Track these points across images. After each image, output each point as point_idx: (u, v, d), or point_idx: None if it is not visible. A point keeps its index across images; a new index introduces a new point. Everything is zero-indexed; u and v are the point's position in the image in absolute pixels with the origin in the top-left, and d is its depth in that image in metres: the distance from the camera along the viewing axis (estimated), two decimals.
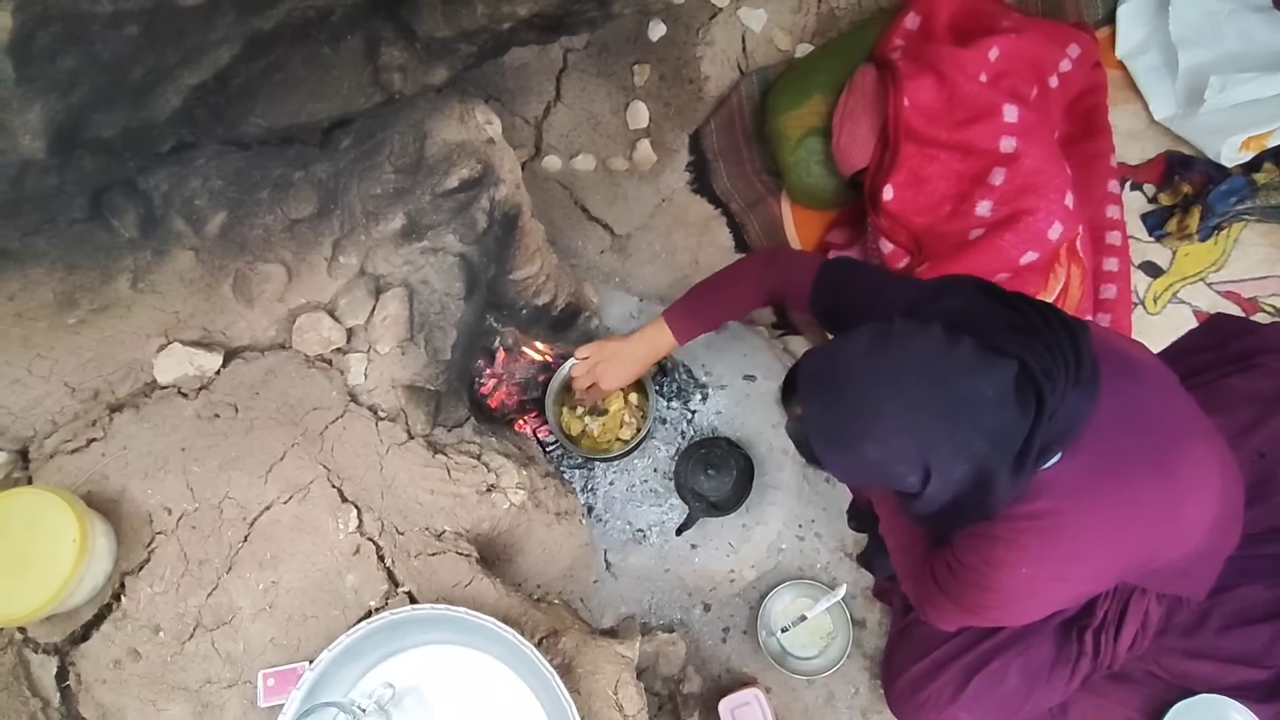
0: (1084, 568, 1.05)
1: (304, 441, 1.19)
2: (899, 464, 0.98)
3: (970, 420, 0.97)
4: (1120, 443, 1.06)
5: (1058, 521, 1.03)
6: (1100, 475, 1.04)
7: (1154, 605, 1.36)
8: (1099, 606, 1.37)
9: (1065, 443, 1.03)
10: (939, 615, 1.26)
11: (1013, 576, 1.04)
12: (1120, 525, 1.05)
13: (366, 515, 1.15)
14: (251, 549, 1.14)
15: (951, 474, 1.00)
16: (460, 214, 1.33)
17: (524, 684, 1.00)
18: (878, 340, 1.00)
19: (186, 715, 1.06)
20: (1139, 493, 1.05)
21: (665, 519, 1.80)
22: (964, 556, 1.11)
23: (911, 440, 0.96)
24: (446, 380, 1.30)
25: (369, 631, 1.02)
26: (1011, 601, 1.09)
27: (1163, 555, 1.16)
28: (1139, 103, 2.01)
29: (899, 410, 0.97)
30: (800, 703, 1.73)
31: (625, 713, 1.00)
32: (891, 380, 0.98)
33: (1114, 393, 1.08)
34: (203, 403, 1.21)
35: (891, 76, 1.74)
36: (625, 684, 1.01)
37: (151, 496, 1.17)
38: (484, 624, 0.98)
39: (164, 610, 1.11)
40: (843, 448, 1.00)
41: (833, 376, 1.01)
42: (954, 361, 0.99)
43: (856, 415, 0.98)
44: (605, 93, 2.08)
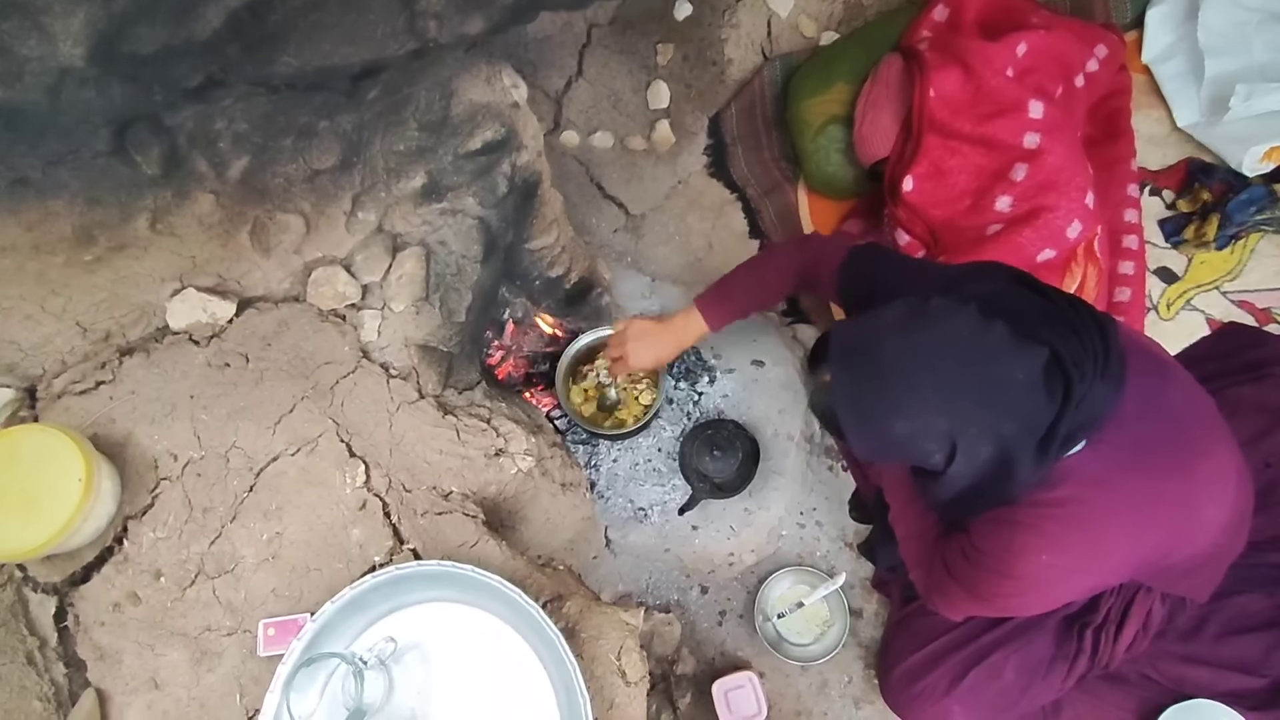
0: (1104, 559, 1.05)
1: (314, 395, 1.18)
2: (926, 441, 0.97)
3: (1000, 402, 0.97)
4: (1145, 436, 1.06)
5: (1082, 510, 1.02)
6: (1125, 467, 1.03)
7: (1157, 605, 1.36)
8: (1102, 604, 1.37)
9: (1090, 432, 1.02)
10: (948, 604, 1.25)
11: (1032, 564, 1.03)
12: (1142, 518, 1.04)
13: (374, 471, 1.15)
14: (257, 499, 1.13)
15: (976, 455, 0.99)
16: (481, 177, 1.32)
17: (528, 645, 1.00)
18: (913, 315, 0.99)
19: (184, 661, 1.06)
20: (1162, 487, 1.05)
21: (667, 499, 1.79)
22: (981, 543, 1.10)
23: (941, 419, 0.96)
24: (460, 343, 1.29)
25: (373, 585, 1.01)
26: (1028, 590, 1.08)
27: (1176, 553, 1.15)
28: (1163, 109, 2.00)
29: (931, 387, 0.96)
30: (794, 689, 1.73)
31: (628, 679, 1.00)
32: (926, 356, 0.97)
33: (1140, 388, 1.07)
34: (214, 351, 1.20)
35: (918, 66, 1.73)
36: (629, 650, 1.01)
37: (158, 442, 1.16)
38: (490, 582, 0.98)
39: (166, 556, 1.11)
40: (871, 421, 0.99)
41: (866, 348, 1.00)
42: (988, 343, 0.98)
43: (888, 390, 0.97)
44: (627, 70, 2.07)
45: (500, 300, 1.91)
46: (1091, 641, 1.40)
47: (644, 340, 1.52)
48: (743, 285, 1.49)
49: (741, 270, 1.51)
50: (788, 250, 1.47)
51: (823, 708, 1.71)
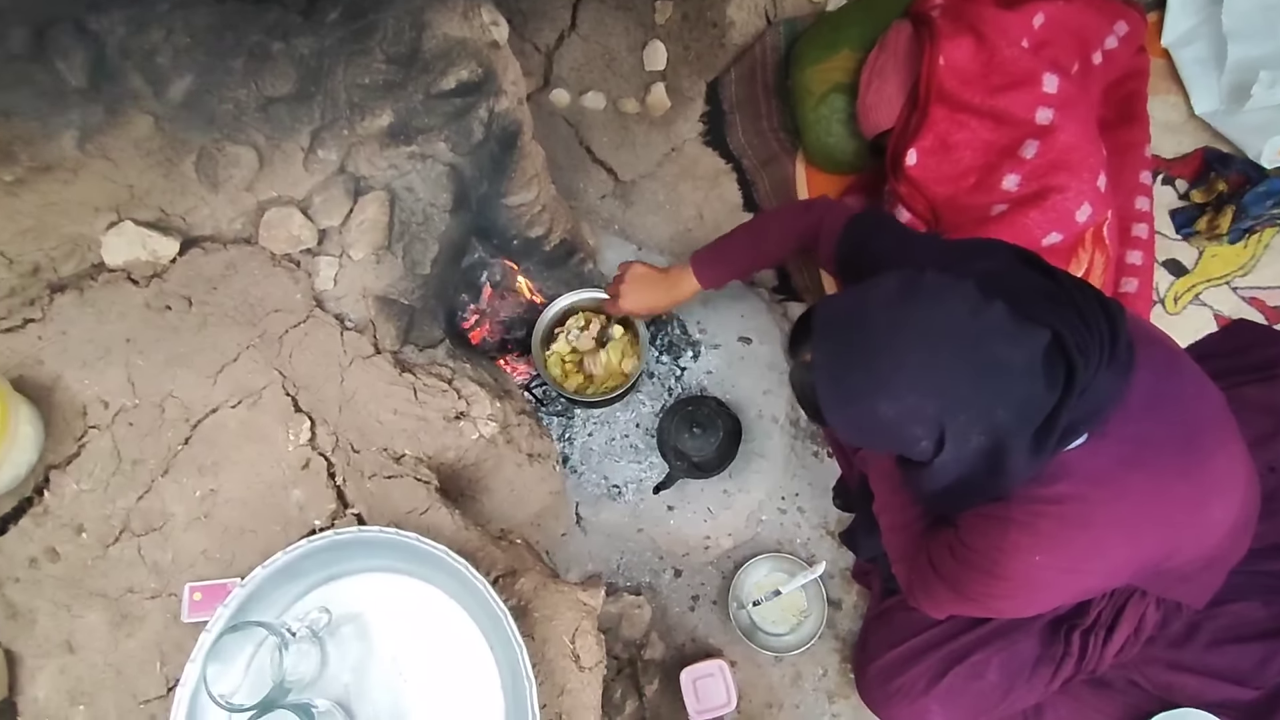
0: (1101, 561, 0.97)
1: (260, 344, 1.10)
2: (913, 425, 0.90)
3: (996, 386, 0.89)
4: (1152, 431, 0.98)
5: (1081, 509, 0.94)
6: (1129, 464, 0.96)
7: (1151, 610, 1.29)
8: (1094, 606, 1.29)
9: (1092, 425, 0.95)
10: (931, 601, 1.18)
11: (1024, 565, 0.96)
12: (1145, 519, 0.96)
13: (320, 429, 1.06)
14: (191, 453, 1.04)
15: (967, 443, 0.91)
16: (455, 121, 1.22)
17: (474, 623, 0.92)
18: (906, 289, 0.91)
19: (103, 624, 0.97)
20: (1168, 487, 0.97)
21: (643, 477, 1.71)
22: (970, 539, 1.02)
23: (930, 401, 0.88)
24: (423, 296, 1.20)
25: (310, 550, 0.93)
26: (1017, 591, 1.00)
27: (1178, 555, 1.08)
28: (1180, 94, 1.92)
29: (920, 366, 0.88)
30: (765, 680, 1.66)
31: (582, 664, 0.92)
32: (917, 333, 0.89)
33: (1148, 379, 1.00)
34: (154, 292, 1.10)
35: (929, 33, 1.63)
36: (585, 633, 0.93)
37: (89, 387, 1.07)
38: (435, 552, 0.89)
39: (89, 510, 1.02)
40: (854, 402, 0.90)
41: (852, 321, 0.92)
42: (985, 322, 0.90)
43: (873, 367, 0.89)
44: (623, 27, 1.97)
45: (478, 263, 1.82)
46: (1079, 645, 1.33)
47: (640, 285, 1.50)
48: (741, 245, 1.43)
49: (741, 230, 1.45)
50: (791, 212, 1.40)
51: (795, 700, 1.64)
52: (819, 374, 0.92)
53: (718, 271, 1.43)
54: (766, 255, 1.42)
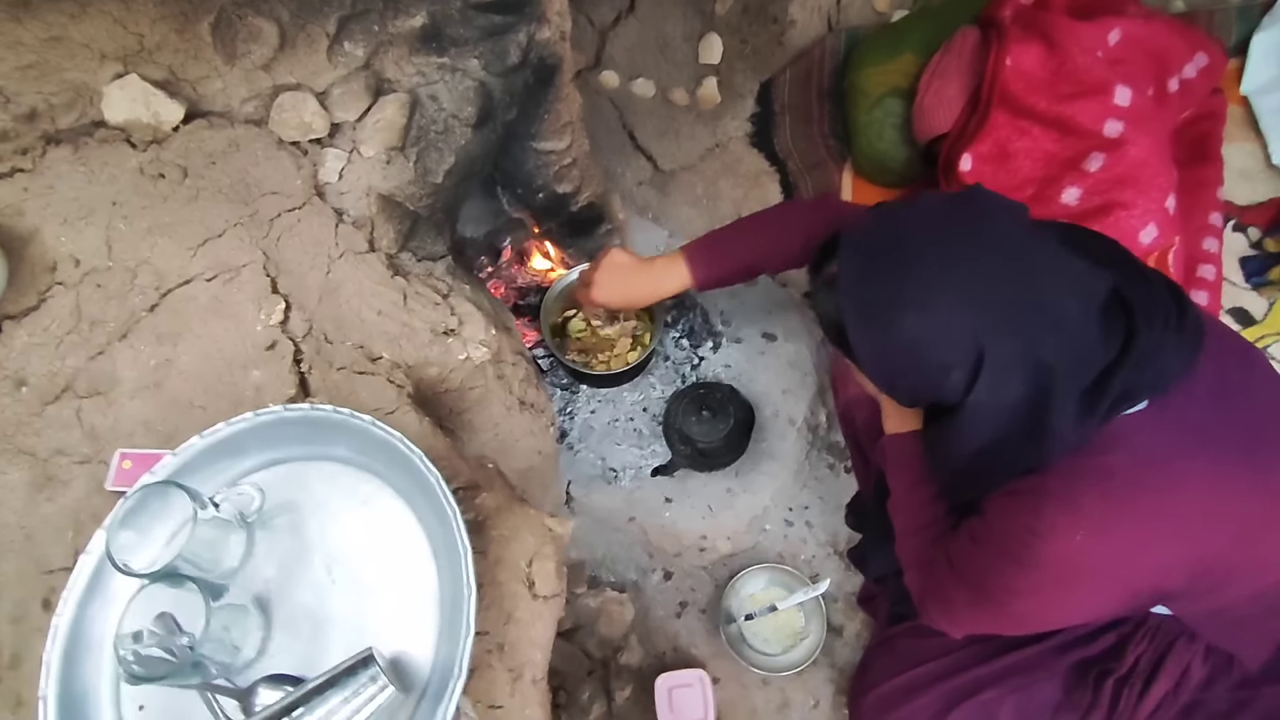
0: (1151, 554, 0.82)
1: (250, 223, 1.03)
2: (945, 349, 0.78)
3: (1044, 318, 0.78)
4: (1219, 421, 0.85)
5: (1132, 486, 0.80)
6: (1190, 446, 0.83)
7: (1198, 663, 1.11)
8: (1131, 649, 1.12)
9: (1152, 395, 0.82)
10: (946, 612, 1.03)
11: (1061, 547, 0.81)
12: (1203, 514, 0.82)
13: (295, 313, 0.98)
14: (155, 320, 0.96)
15: (1005, 386, 0.80)
16: (491, 39, 1.17)
17: (419, 526, 0.81)
18: (953, 199, 0.81)
19: (23, 484, 0.88)
20: (1231, 482, 0.83)
21: (643, 464, 1.59)
22: (999, 521, 0.88)
23: (967, 317, 0.77)
24: (430, 206, 1.13)
25: (255, 426, 0.83)
26: (1051, 585, 0.85)
27: (1237, 580, 0.93)
28: (1258, 142, 1.81)
29: (963, 276, 0.77)
30: (749, 702, 1.50)
31: (536, 591, 0.80)
32: (960, 243, 0.78)
33: (1218, 367, 0.87)
34: (150, 157, 1.05)
35: (997, 34, 1.56)
36: (544, 559, 0.81)
37: (64, 245, 1.01)
38: (389, 439, 0.79)
39: (36, 365, 0.94)
40: (882, 315, 0.79)
41: (888, 228, 0.81)
42: (1040, 247, 0.80)
43: (908, 274, 0.78)
44: (681, 14, 1.94)
45: (503, 226, 1.76)
46: (1111, 696, 1.16)
47: (616, 274, 1.31)
48: (741, 239, 1.27)
49: (743, 222, 1.29)
50: (800, 208, 1.28)
51: None
52: (844, 281, 0.82)
53: (711, 267, 1.25)
54: (769, 255, 1.25)
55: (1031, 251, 0.80)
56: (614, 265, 1.32)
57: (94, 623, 0.79)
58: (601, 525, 1.60)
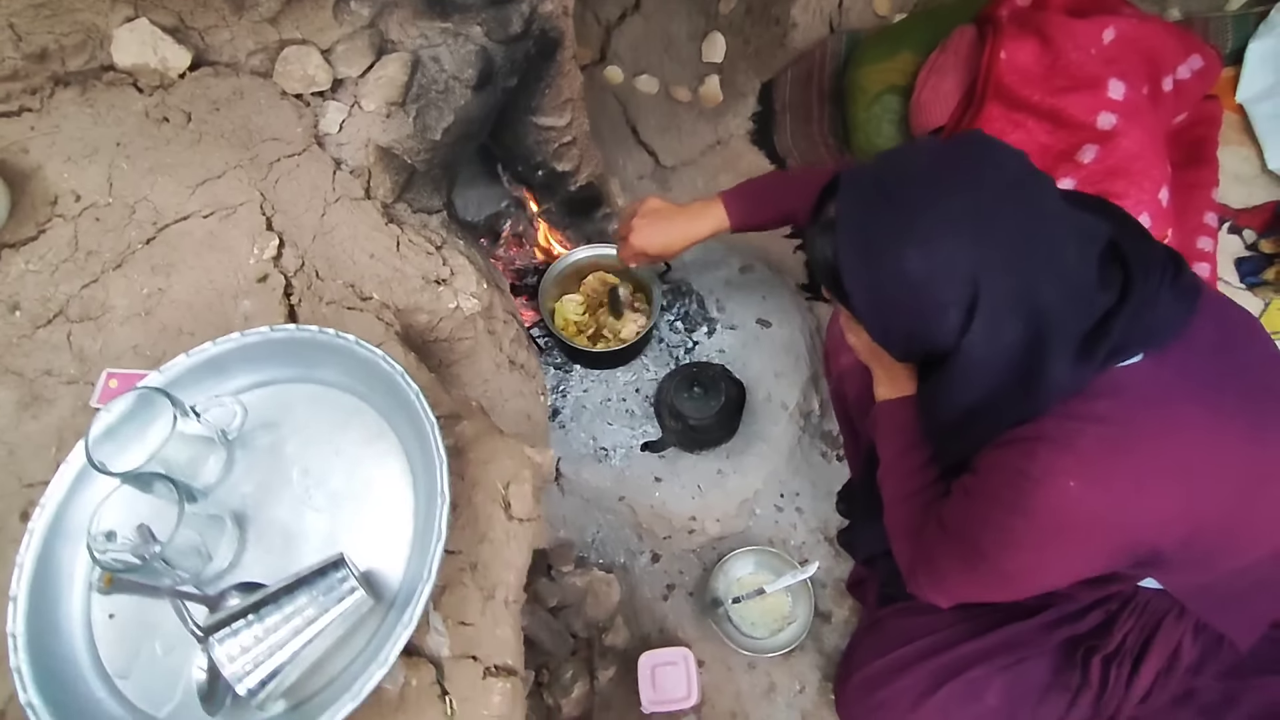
0: (1146, 502, 0.79)
1: (249, 166, 1.05)
2: (942, 287, 0.77)
3: (1043, 256, 0.78)
4: (1217, 376, 0.84)
5: (1128, 431, 0.79)
6: (1189, 396, 0.81)
7: (1189, 640, 1.08)
8: (1119, 626, 1.10)
9: (1150, 347, 0.82)
10: (935, 579, 1.01)
11: (1055, 493, 0.79)
12: (1200, 465, 0.80)
13: (288, 250, 0.99)
14: (150, 252, 0.98)
15: (1001, 327, 0.79)
16: (494, 7, 1.20)
17: (400, 448, 0.81)
18: (952, 140, 0.82)
19: (9, 402, 0.89)
20: (1228, 435, 0.81)
21: (633, 444, 1.59)
22: (991, 473, 0.86)
23: (965, 252, 0.76)
24: (428, 161, 1.15)
25: (241, 346, 0.84)
26: (1044, 538, 0.83)
27: (1227, 552, 0.91)
28: (1252, 147, 1.84)
29: (962, 212, 0.77)
30: (734, 686, 1.47)
31: (512, 512, 0.80)
32: (960, 175, 0.78)
33: (1219, 330, 0.87)
34: (155, 101, 1.08)
35: (993, 29, 1.59)
36: (522, 482, 0.81)
37: (66, 181, 1.03)
38: (371, 357, 0.80)
39: (30, 290, 0.95)
40: (879, 253, 0.79)
41: (889, 166, 0.82)
42: (1042, 190, 0.80)
43: (907, 210, 0.78)
44: (686, 13, 1.98)
45: (503, 211, 1.78)
46: (1100, 675, 1.13)
47: (654, 220, 1.32)
48: (775, 186, 1.32)
49: (776, 173, 1.35)
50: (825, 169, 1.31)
51: (763, 714, 1.44)
52: (842, 224, 0.82)
53: (746, 210, 1.29)
54: (799, 202, 1.27)
55: (1031, 194, 0.80)
56: (650, 210, 1.34)
57: (69, 531, 0.79)
58: (591, 505, 1.59)
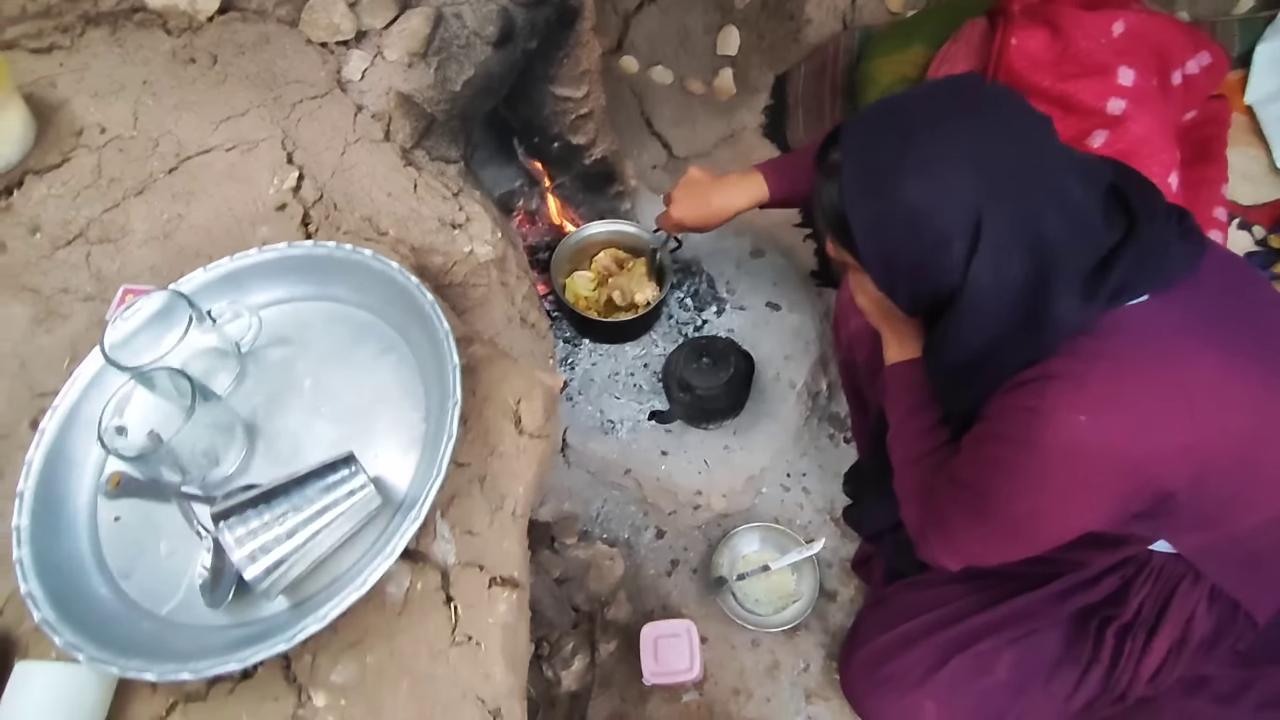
0: (1155, 439, 0.78)
1: (272, 105, 1.06)
2: (945, 217, 0.78)
3: (1046, 193, 0.78)
4: (1227, 319, 0.84)
5: (1136, 366, 0.78)
6: (1196, 331, 0.80)
7: (1203, 608, 1.06)
8: (1135, 593, 1.08)
9: (1156, 287, 0.81)
10: (944, 535, 1.00)
11: (1065, 428, 0.78)
12: (1208, 399, 0.79)
13: (308, 183, 1.00)
14: (171, 181, 0.99)
15: (1005, 261, 0.79)
16: None
17: (413, 362, 0.80)
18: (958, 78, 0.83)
19: (25, 316, 0.89)
20: (1241, 374, 0.80)
21: (640, 418, 1.59)
22: (1000, 416, 0.85)
23: (967, 185, 0.77)
24: (446, 112, 1.16)
25: (257, 263, 0.85)
26: (1055, 475, 0.81)
27: (1243, 498, 0.89)
28: (1261, 147, 1.84)
29: (963, 143, 0.78)
30: (737, 663, 1.45)
31: (523, 427, 0.79)
32: (965, 115, 0.79)
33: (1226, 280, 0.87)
34: (183, 43, 1.10)
35: (1004, 20, 1.62)
36: (533, 399, 0.80)
37: (93, 114, 1.04)
38: (386, 270, 0.80)
39: (52, 214, 0.96)
40: (883, 185, 0.79)
41: (895, 105, 0.83)
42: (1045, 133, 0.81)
43: (910, 142, 0.79)
44: (702, 7, 2.01)
45: (516, 190, 1.80)
46: (1113, 647, 1.11)
47: (693, 191, 1.33)
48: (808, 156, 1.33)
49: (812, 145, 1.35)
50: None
51: (767, 692, 1.42)
52: (847, 161, 0.83)
53: (785, 179, 1.29)
54: None
55: (1031, 128, 0.81)
56: (691, 181, 1.35)
57: (80, 434, 0.78)
58: (597, 478, 1.59)
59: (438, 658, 0.69)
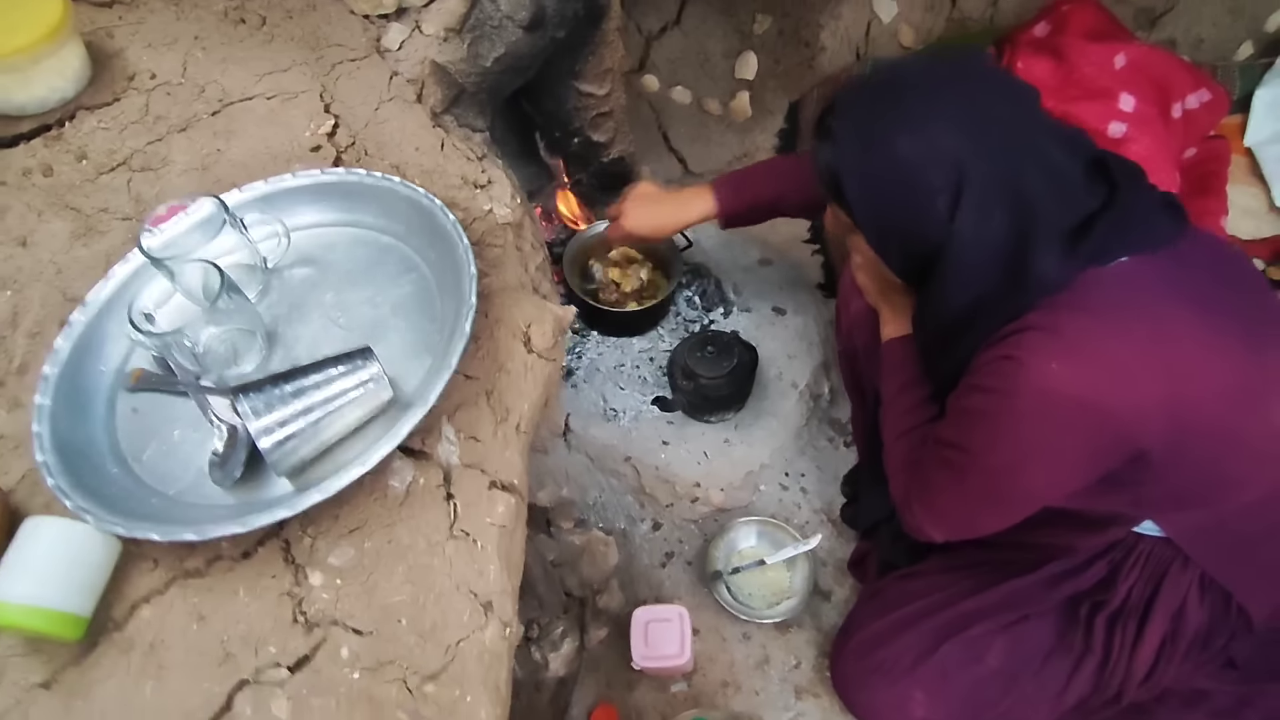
0: (1129, 391, 0.80)
1: (314, 64, 1.13)
2: (930, 171, 0.82)
3: (1028, 154, 0.83)
4: (1206, 285, 0.86)
5: (1112, 320, 0.81)
6: (1174, 298, 0.83)
7: (1194, 599, 1.06)
8: (1122, 579, 1.08)
9: (1137, 251, 0.85)
10: (926, 497, 1.02)
11: (1037, 374, 0.80)
12: (1186, 353, 0.81)
13: (342, 130, 1.06)
14: (213, 121, 1.05)
15: (988, 215, 0.83)
16: None
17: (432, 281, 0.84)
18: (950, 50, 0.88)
19: (64, 231, 0.94)
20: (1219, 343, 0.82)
21: (643, 409, 1.61)
22: (979, 370, 0.89)
23: (953, 141, 0.81)
24: (476, 84, 1.23)
25: (291, 188, 0.90)
26: (1025, 422, 0.83)
27: (1226, 475, 0.91)
28: (1260, 186, 1.90)
29: (951, 103, 0.83)
30: (727, 656, 1.44)
31: (533, 346, 0.82)
32: (956, 76, 0.85)
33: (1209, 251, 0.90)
34: (235, 4, 1.17)
35: (1010, 46, 1.69)
36: (543, 323, 0.83)
37: (145, 63, 1.11)
38: (412, 194, 0.85)
39: (99, 144, 1.02)
40: (875, 139, 0.84)
41: (891, 70, 0.88)
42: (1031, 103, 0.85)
43: (901, 100, 0.84)
44: (722, 32, 2.11)
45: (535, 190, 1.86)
46: (1104, 637, 1.11)
47: (644, 203, 1.40)
48: (763, 174, 1.36)
49: (768, 160, 1.40)
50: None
51: (756, 685, 1.40)
52: (842, 121, 0.87)
53: (733, 196, 1.34)
54: (788, 190, 1.32)
55: (1019, 96, 0.86)
56: (641, 195, 1.42)
57: (109, 330, 0.82)
58: (595, 467, 1.60)
59: (435, 549, 0.70)
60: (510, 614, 0.70)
